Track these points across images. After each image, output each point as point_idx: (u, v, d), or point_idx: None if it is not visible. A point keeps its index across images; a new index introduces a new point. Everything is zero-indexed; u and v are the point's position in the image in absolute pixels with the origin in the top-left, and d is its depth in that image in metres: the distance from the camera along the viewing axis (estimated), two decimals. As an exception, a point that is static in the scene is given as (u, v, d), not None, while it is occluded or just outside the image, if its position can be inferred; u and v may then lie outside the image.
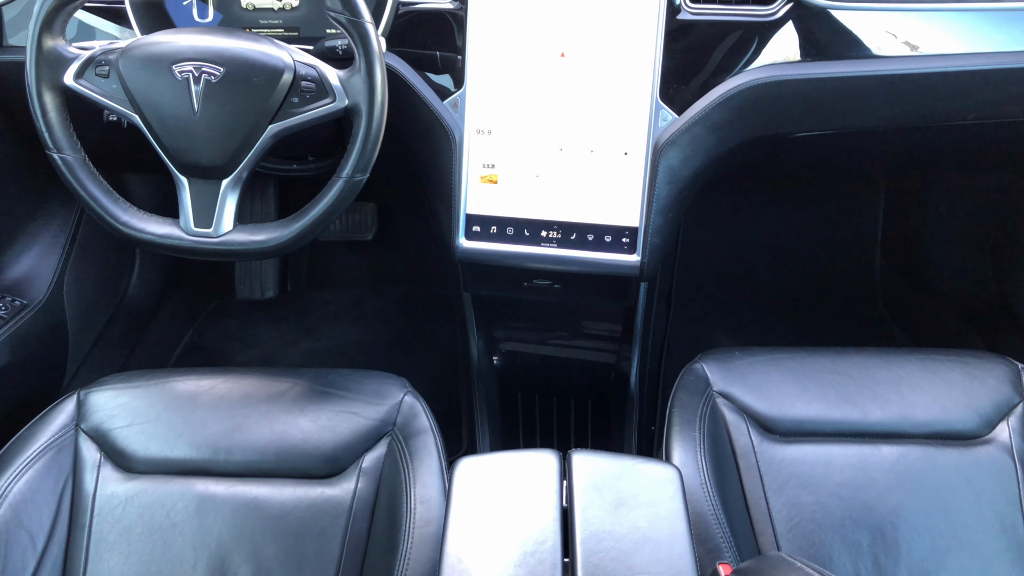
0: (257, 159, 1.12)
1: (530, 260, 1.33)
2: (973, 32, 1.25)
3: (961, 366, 1.24)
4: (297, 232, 1.13)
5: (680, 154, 1.27)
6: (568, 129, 1.29)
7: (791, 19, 1.24)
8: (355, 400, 1.20)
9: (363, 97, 1.09)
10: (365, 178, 1.12)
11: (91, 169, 1.15)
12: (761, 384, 1.22)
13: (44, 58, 1.10)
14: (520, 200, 1.31)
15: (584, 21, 1.26)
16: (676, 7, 1.25)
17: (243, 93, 1.09)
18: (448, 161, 1.30)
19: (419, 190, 1.59)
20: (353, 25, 1.07)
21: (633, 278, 1.34)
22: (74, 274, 1.64)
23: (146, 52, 1.10)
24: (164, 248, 1.15)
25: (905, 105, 1.29)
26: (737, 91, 1.24)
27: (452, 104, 1.30)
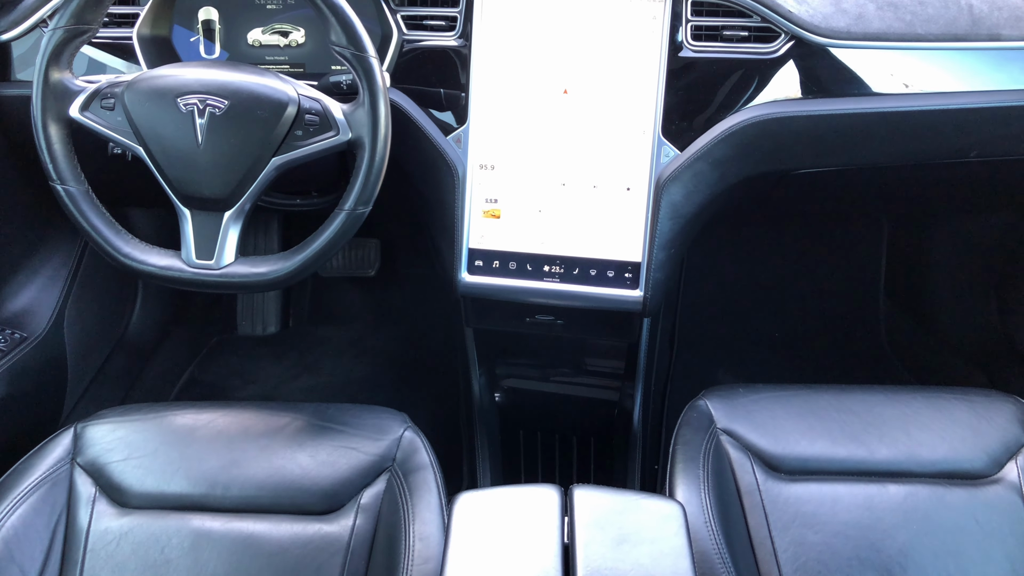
0: (260, 191, 1.13)
1: (532, 295, 1.33)
2: (973, 71, 1.26)
3: (968, 404, 1.22)
4: (299, 264, 1.13)
5: (682, 190, 1.27)
6: (571, 164, 1.29)
7: (792, 57, 1.25)
8: (354, 435, 1.19)
9: (366, 130, 1.10)
10: (367, 211, 1.12)
11: (94, 201, 1.15)
12: (765, 421, 1.21)
13: (51, 90, 1.11)
14: (522, 235, 1.31)
15: (586, 58, 1.27)
16: (678, 45, 1.26)
17: (247, 126, 1.09)
18: (451, 196, 1.31)
19: (422, 226, 1.59)
20: (357, 60, 1.09)
21: (636, 314, 1.33)
22: (75, 308, 1.63)
23: (151, 85, 1.11)
24: (165, 280, 1.15)
25: (907, 142, 1.30)
26: (739, 127, 1.24)
27: (455, 139, 1.31)
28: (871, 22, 1.24)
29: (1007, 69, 1.26)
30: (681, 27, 1.26)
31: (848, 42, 1.24)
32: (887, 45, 1.24)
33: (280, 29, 1.39)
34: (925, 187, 1.54)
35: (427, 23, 1.32)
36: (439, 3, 1.32)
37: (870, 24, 1.24)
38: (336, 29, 1.08)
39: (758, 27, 1.25)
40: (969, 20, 1.24)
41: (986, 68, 1.26)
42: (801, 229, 2.09)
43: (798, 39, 1.24)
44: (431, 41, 1.31)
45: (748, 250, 2.11)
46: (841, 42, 1.24)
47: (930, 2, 1.26)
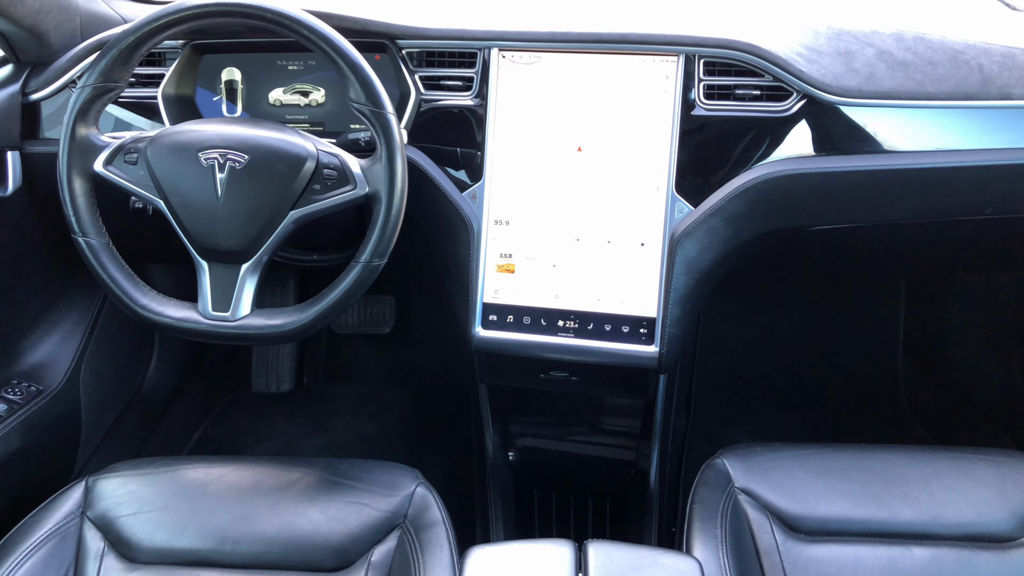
0: (278, 244, 1.14)
1: (547, 350, 1.32)
2: (985, 129, 1.27)
3: (992, 465, 1.19)
4: (314, 316, 1.13)
5: (697, 245, 1.27)
6: (585, 220, 1.30)
7: (805, 115, 1.26)
8: (366, 491, 1.17)
9: (383, 184, 1.11)
10: (383, 263, 1.13)
11: (114, 253, 1.17)
12: (784, 481, 1.18)
13: (76, 145, 1.14)
14: (537, 289, 1.32)
15: (600, 117, 1.29)
16: (691, 103, 1.27)
17: (266, 180, 1.11)
18: (466, 251, 1.31)
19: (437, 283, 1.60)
20: (376, 116, 1.11)
21: (651, 370, 1.32)
22: (91, 363, 1.64)
23: (174, 140, 1.14)
24: (181, 332, 1.15)
25: (922, 199, 1.30)
26: (753, 184, 1.25)
27: (471, 195, 1.32)
28: (882, 81, 1.25)
29: (1019, 127, 1.26)
30: (694, 86, 1.27)
31: (860, 100, 1.25)
32: (899, 104, 1.25)
33: (301, 89, 1.42)
34: (942, 245, 1.53)
35: (444, 83, 1.35)
36: (456, 65, 1.35)
37: (881, 83, 1.25)
38: (355, 86, 1.11)
39: (770, 86, 1.27)
40: (979, 80, 1.26)
41: (998, 126, 1.27)
42: (818, 288, 2.08)
43: (810, 98, 1.25)
44: (448, 101, 1.34)
45: (765, 309, 2.10)
46: (853, 100, 1.25)
47: (940, 62, 1.27)
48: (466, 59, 1.34)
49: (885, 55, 1.28)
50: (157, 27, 1.11)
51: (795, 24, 1.32)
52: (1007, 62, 1.27)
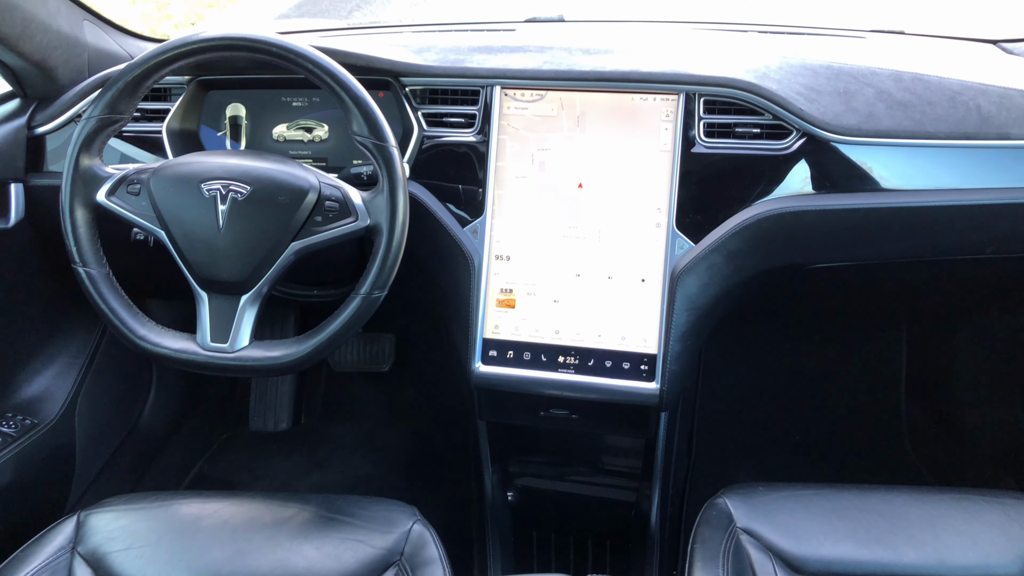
0: (278, 276, 1.14)
1: (547, 386, 1.31)
2: (985, 169, 1.27)
3: (998, 507, 1.17)
4: (313, 348, 1.13)
5: (698, 281, 1.27)
6: (586, 255, 1.30)
7: (805, 153, 1.27)
8: (362, 527, 1.15)
9: (385, 216, 1.12)
10: (383, 295, 1.13)
11: (114, 284, 1.17)
12: (787, 521, 1.17)
13: (80, 175, 1.14)
14: (537, 325, 1.31)
15: (601, 154, 1.30)
16: (691, 140, 1.28)
17: (268, 211, 1.12)
18: (467, 285, 1.31)
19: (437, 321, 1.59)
20: (378, 149, 1.11)
21: (652, 407, 1.31)
22: (88, 397, 1.63)
23: (177, 171, 1.15)
24: (179, 363, 1.14)
25: (922, 237, 1.30)
26: (753, 221, 1.25)
27: (472, 230, 1.32)
28: (881, 120, 1.26)
29: (1017, 167, 1.27)
30: (694, 124, 1.29)
31: (859, 139, 1.26)
32: (898, 142, 1.26)
33: (305, 125, 1.43)
34: (943, 284, 1.53)
35: (447, 120, 1.36)
36: (458, 102, 1.36)
37: (880, 122, 1.26)
38: (358, 119, 1.11)
39: (770, 124, 1.28)
40: (978, 120, 1.27)
41: (997, 166, 1.27)
42: (819, 329, 2.07)
43: (810, 136, 1.26)
44: (450, 137, 1.35)
45: (767, 349, 2.09)
46: (852, 139, 1.26)
47: (938, 102, 1.28)
48: (468, 96, 1.35)
49: (884, 95, 1.29)
50: (164, 60, 1.12)
51: (794, 64, 1.33)
52: (1004, 103, 1.29)
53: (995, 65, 1.46)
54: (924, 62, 1.39)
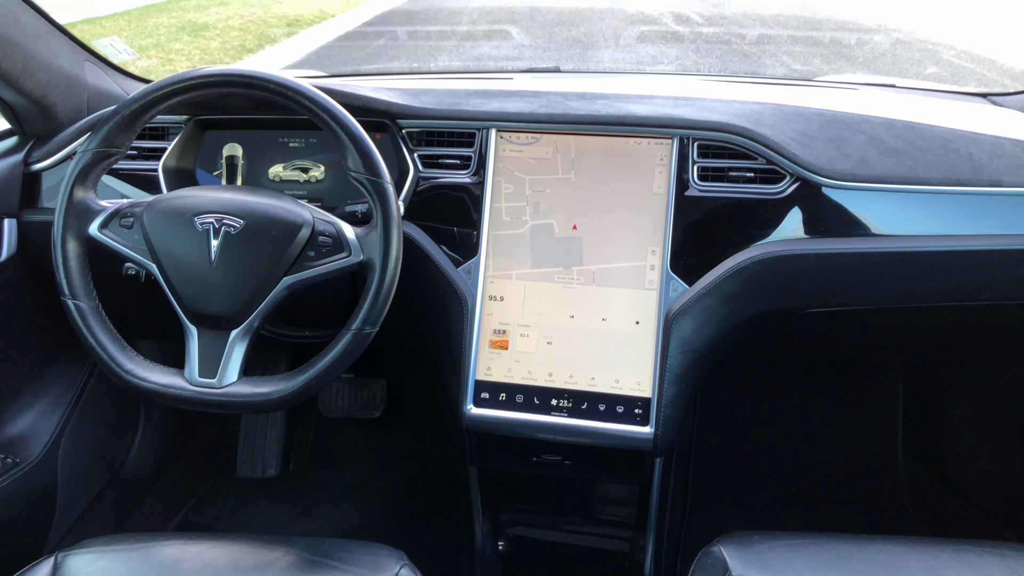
0: (269, 310, 1.13)
1: (539, 430, 1.29)
2: (978, 215, 1.28)
3: (999, 559, 1.15)
4: (303, 384, 1.11)
5: (692, 324, 1.26)
6: (580, 297, 1.30)
7: (799, 198, 1.28)
8: (348, 571, 1.12)
9: (378, 252, 1.11)
10: (374, 332, 1.12)
11: (103, 317, 1.16)
12: (784, 571, 1.13)
13: (73, 208, 1.14)
14: (530, 367, 1.30)
15: (595, 196, 1.30)
16: (685, 184, 1.29)
17: (260, 245, 1.11)
18: (459, 326, 1.30)
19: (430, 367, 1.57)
20: (373, 185, 1.11)
21: (646, 453, 1.29)
22: (72, 437, 1.60)
23: (171, 205, 1.14)
24: (165, 398, 1.12)
25: (916, 282, 1.30)
26: (747, 264, 1.25)
27: (466, 271, 1.32)
28: (874, 166, 1.27)
29: (1012, 214, 1.28)
30: (688, 168, 1.29)
31: (853, 184, 1.26)
32: (891, 188, 1.26)
33: (301, 165, 1.44)
34: (939, 331, 1.52)
35: (442, 162, 1.36)
36: (455, 144, 1.37)
37: (873, 168, 1.27)
38: (353, 155, 1.12)
39: (763, 169, 1.29)
40: (970, 167, 1.28)
41: (990, 213, 1.28)
42: (816, 378, 2.06)
43: (803, 180, 1.27)
44: (446, 178, 1.35)
45: (763, 400, 2.07)
46: (846, 184, 1.26)
47: (930, 149, 1.29)
48: (464, 139, 1.36)
49: (876, 141, 1.30)
50: (162, 95, 1.13)
51: (787, 111, 1.35)
52: (995, 151, 1.30)
53: (985, 116, 1.48)
54: (915, 111, 1.41)
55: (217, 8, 11.25)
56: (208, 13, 10.81)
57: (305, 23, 10.11)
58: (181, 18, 10.27)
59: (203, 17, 10.44)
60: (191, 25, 9.80)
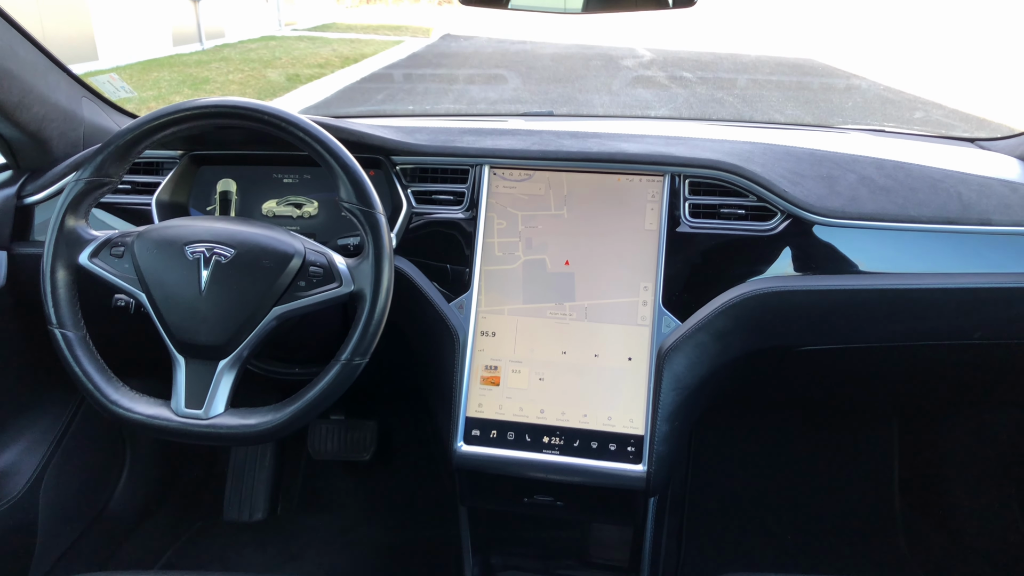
0: (258, 341, 1.11)
1: (531, 468, 1.27)
2: (969, 253, 1.28)
3: None
4: (291, 416, 1.09)
5: (685, 360, 1.25)
6: (572, 333, 1.29)
7: (790, 235, 1.28)
8: None
9: (369, 283, 1.10)
10: (364, 363, 1.10)
11: (90, 347, 1.14)
12: None
13: (64, 237, 1.13)
14: (522, 404, 1.28)
15: (588, 232, 1.31)
16: (677, 220, 1.29)
17: (251, 274, 1.10)
18: (451, 361, 1.29)
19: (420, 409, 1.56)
20: (365, 216, 1.11)
21: (639, 492, 1.27)
22: (55, 474, 1.57)
23: (162, 234, 1.14)
24: (151, 429, 1.11)
25: (908, 320, 1.29)
26: (740, 300, 1.25)
27: (458, 306, 1.31)
28: (865, 204, 1.28)
29: (1002, 252, 1.28)
30: (680, 204, 1.30)
31: (843, 221, 1.27)
32: (882, 225, 1.27)
33: (294, 201, 1.44)
34: (933, 372, 1.51)
35: (436, 197, 1.37)
36: (448, 180, 1.38)
37: (864, 205, 1.27)
38: (346, 185, 1.12)
39: (754, 206, 1.30)
40: (959, 206, 1.28)
41: (981, 251, 1.28)
42: (811, 421, 2.04)
43: (795, 218, 1.28)
44: (439, 214, 1.36)
45: (758, 443, 2.05)
46: (837, 221, 1.27)
47: (920, 188, 1.30)
48: (458, 175, 1.37)
49: (866, 180, 1.31)
50: (157, 125, 1.13)
51: (777, 150, 1.36)
52: (984, 190, 1.31)
53: (973, 158, 1.50)
54: (904, 152, 1.43)
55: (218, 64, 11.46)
56: (209, 68, 11.00)
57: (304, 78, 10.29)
58: (182, 72, 10.44)
59: (204, 72, 10.62)
60: (192, 79, 9.96)
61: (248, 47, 13.88)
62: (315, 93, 9.32)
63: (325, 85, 9.89)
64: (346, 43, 14.72)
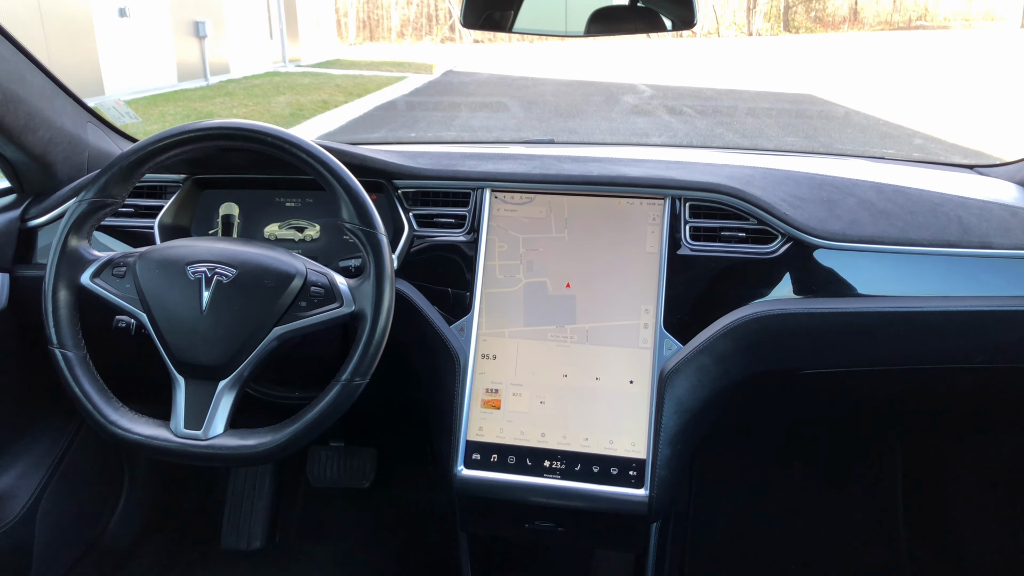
0: (259, 362, 1.11)
1: (532, 492, 1.26)
2: (970, 276, 1.29)
3: None
4: (290, 436, 1.08)
5: (687, 383, 1.25)
6: (573, 356, 1.28)
7: (791, 257, 1.28)
8: None
9: (369, 303, 1.10)
10: (364, 383, 1.10)
11: (90, 367, 1.14)
12: None
13: (67, 256, 1.14)
14: (523, 427, 1.28)
15: (589, 255, 1.31)
16: (678, 243, 1.30)
17: (252, 294, 1.10)
18: (451, 384, 1.29)
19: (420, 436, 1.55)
20: (366, 236, 1.12)
21: (640, 517, 1.25)
22: (52, 500, 1.55)
23: (164, 254, 1.14)
24: (150, 450, 1.10)
25: (910, 343, 1.29)
26: (741, 322, 1.25)
27: (459, 328, 1.31)
28: (865, 227, 1.28)
29: (1003, 276, 1.28)
30: (680, 227, 1.30)
31: (844, 244, 1.27)
32: (882, 248, 1.27)
33: (296, 225, 1.45)
34: (936, 396, 1.50)
35: (437, 220, 1.37)
36: (449, 203, 1.38)
37: (864, 228, 1.28)
38: (348, 206, 1.12)
39: (755, 229, 1.30)
40: (959, 229, 1.29)
41: (982, 274, 1.28)
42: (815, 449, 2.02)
43: (795, 240, 1.28)
44: (440, 237, 1.36)
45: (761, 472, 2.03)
46: (837, 244, 1.27)
47: (920, 212, 1.31)
48: (459, 198, 1.38)
49: (866, 204, 1.31)
50: (161, 147, 1.14)
51: (777, 175, 1.37)
52: (984, 214, 1.31)
53: (972, 183, 1.51)
54: (904, 177, 1.43)
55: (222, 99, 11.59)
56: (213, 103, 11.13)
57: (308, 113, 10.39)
58: (187, 107, 10.56)
59: (208, 106, 10.74)
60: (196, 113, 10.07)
61: (252, 82, 14.05)
62: (319, 127, 9.41)
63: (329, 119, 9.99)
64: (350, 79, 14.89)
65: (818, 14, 39.17)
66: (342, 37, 28.60)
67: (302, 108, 10.70)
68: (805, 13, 39.08)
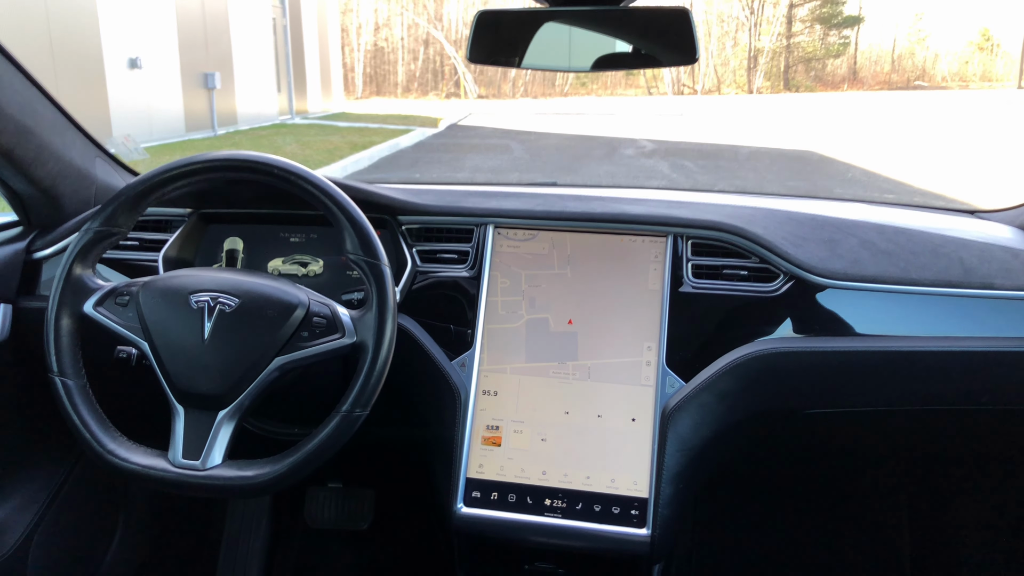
0: (259, 392, 1.11)
1: (532, 531, 1.24)
2: (973, 317, 1.28)
3: None
4: (289, 467, 1.07)
5: (690, 421, 1.24)
6: (575, 393, 1.28)
7: (793, 296, 1.29)
8: None
9: (371, 334, 1.10)
10: (364, 415, 1.09)
11: (89, 396, 1.14)
12: None
13: (71, 285, 1.14)
14: (524, 465, 1.26)
15: (591, 292, 1.31)
16: (680, 280, 1.30)
17: (254, 324, 1.10)
18: (452, 421, 1.28)
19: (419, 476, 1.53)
20: (370, 267, 1.12)
21: (643, 558, 1.23)
22: (45, 536, 1.53)
23: (167, 284, 1.15)
24: (147, 480, 1.09)
25: (913, 383, 1.28)
26: (743, 360, 1.24)
27: (460, 364, 1.31)
28: (867, 266, 1.28)
29: (1006, 316, 1.28)
30: (682, 265, 1.31)
31: (846, 283, 1.27)
32: (884, 287, 1.27)
33: (300, 260, 1.46)
34: (940, 438, 1.49)
35: (440, 256, 1.38)
36: (453, 239, 1.39)
37: (866, 268, 1.28)
38: (352, 237, 1.13)
39: (757, 267, 1.30)
40: (961, 270, 1.29)
41: (985, 315, 1.28)
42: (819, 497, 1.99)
43: (797, 279, 1.28)
44: (443, 273, 1.37)
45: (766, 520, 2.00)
46: (839, 283, 1.27)
47: (921, 252, 1.31)
48: (463, 235, 1.39)
49: (868, 244, 1.32)
50: (168, 178, 1.15)
51: (778, 215, 1.38)
52: (985, 255, 1.32)
53: (973, 226, 1.52)
54: (905, 219, 1.44)
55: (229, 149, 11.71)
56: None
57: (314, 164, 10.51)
58: (194, 155, 10.65)
59: (215, 155, 10.81)
60: (203, 162, 10.14)
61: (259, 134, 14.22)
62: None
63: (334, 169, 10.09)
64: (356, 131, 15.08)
65: (818, 73, 39.85)
66: (349, 93, 29.07)
67: (307, 158, 10.82)
68: (805, 72, 39.76)
